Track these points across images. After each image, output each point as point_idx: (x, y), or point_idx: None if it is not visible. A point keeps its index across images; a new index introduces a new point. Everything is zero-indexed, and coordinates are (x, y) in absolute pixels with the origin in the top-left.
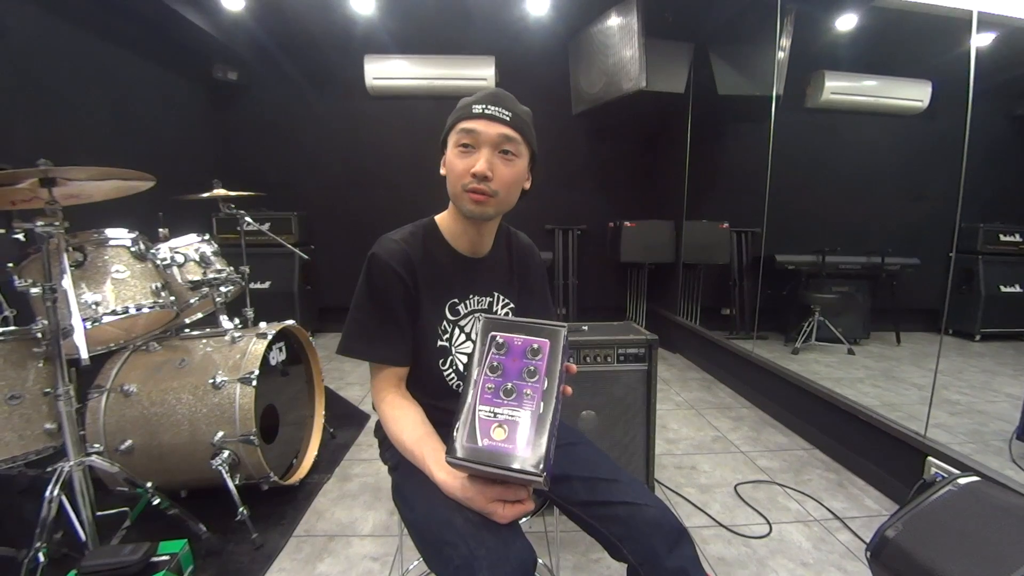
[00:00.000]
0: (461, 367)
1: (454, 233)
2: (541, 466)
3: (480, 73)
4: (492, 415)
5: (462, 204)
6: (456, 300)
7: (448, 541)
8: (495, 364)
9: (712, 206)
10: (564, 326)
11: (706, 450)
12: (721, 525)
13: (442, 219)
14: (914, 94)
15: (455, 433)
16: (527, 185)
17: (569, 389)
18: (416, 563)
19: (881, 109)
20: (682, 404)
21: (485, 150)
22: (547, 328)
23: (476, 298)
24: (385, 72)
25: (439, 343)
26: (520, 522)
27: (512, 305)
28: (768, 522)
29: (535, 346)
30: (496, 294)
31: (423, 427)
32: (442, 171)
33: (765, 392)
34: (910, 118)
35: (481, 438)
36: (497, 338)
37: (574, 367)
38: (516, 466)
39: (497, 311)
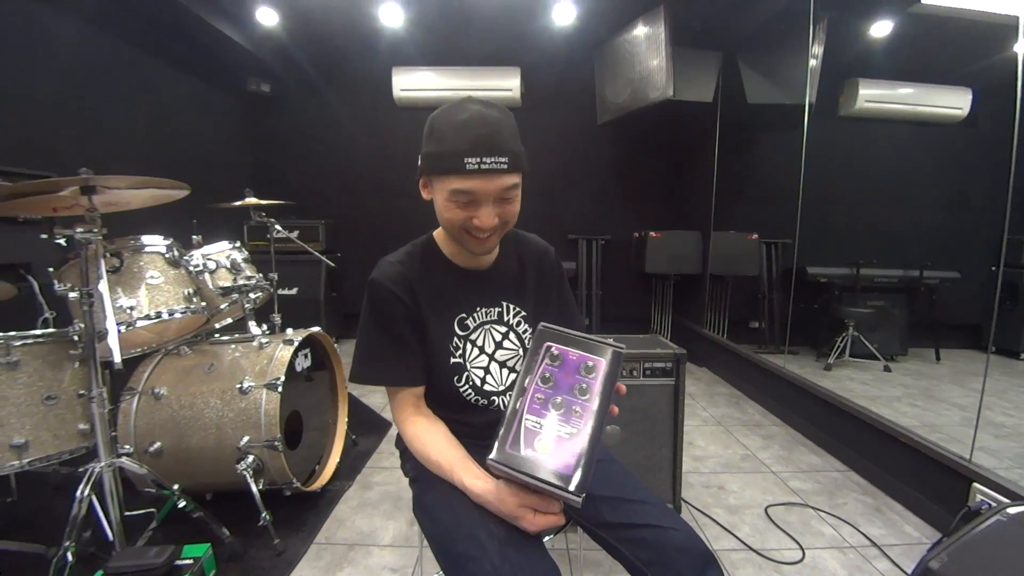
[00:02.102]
0: (478, 382)
1: (453, 249)
2: (580, 486)
3: (505, 84)
4: (538, 426)
5: (465, 245)
6: (464, 315)
7: (472, 556)
8: (547, 375)
9: (740, 216)
10: (622, 348)
11: (735, 469)
12: (751, 549)
13: (440, 235)
14: (953, 101)
15: (498, 436)
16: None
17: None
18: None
19: (918, 117)
20: (709, 420)
21: (486, 204)
22: (604, 347)
23: (484, 310)
24: (412, 84)
25: (452, 360)
26: (543, 540)
27: (524, 314)
28: (801, 547)
29: (590, 363)
30: (504, 303)
31: (448, 440)
32: (425, 195)
33: (797, 409)
34: (949, 126)
35: (525, 447)
36: (552, 349)
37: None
38: (556, 482)
39: (508, 321)
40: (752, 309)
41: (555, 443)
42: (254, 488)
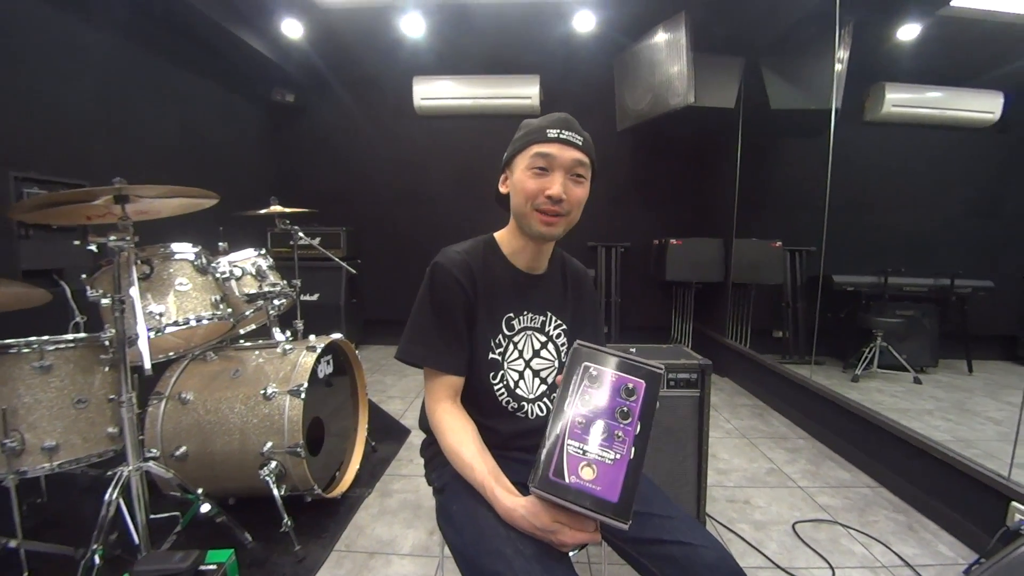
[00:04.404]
0: (511, 384)
1: (513, 250)
2: (625, 513)
3: (525, 92)
4: (581, 452)
5: (530, 223)
6: (512, 315)
7: (497, 571)
8: (587, 398)
9: (763, 223)
10: (662, 369)
11: (760, 483)
12: (779, 567)
13: (501, 236)
14: (984, 106)
15: (540, 461)
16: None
17: None
18: None
19: (947, 122)
20: (732, 432)
21: (559, 173)
22: (644, 368)
23: (530, 315)
24: (432, 93)
25: (491, 355)
26: (569, 555)
27: (564, 327)
28: (831, 566)
29: (630, 386)
30: (549, 314)
31: (480, 447)
32: (502, 189)
33: (824, 422)
34: (980, 131)
35: (568, 474)
36: (591, 370)
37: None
38: (601, 509)
39: (549, 332)
40: (775, 318)
41: (600, 470)
42: (276, 494)
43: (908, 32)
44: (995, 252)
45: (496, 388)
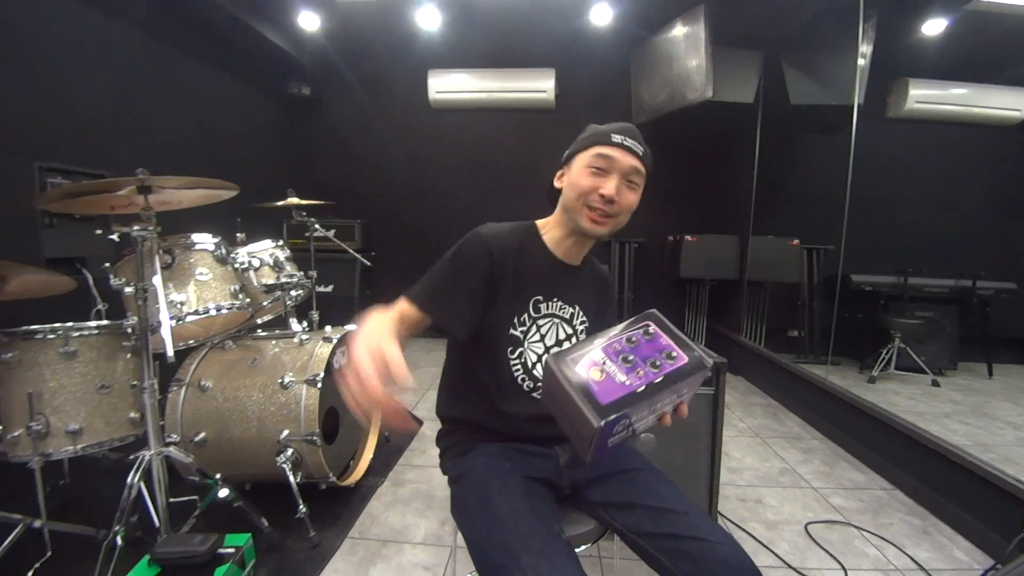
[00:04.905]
0: (529, 363)
1: (554, 239)
2: (603, 422)
3: (540, 85)
4: (602, 361)
5: (578, 218)
6: (541, 298)
7: (503, 565)
8: (633, 339)
9: (780, 221)
10: (710, 362)
11: (772, 483)
12: (791, 567)
13: (543, 224)
14: (1010, 103)
15: (568, 348)
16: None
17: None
18: None
19: (972, 119)
20: (745, 431)
21: (615, 176)
22: (696, 351)
23: (560, 304)
24: (447, 86)
25: (512, 331)
26: (577, 550)
27: (587, 324)
28: (843, 568)
29: (674, 353)
30: (578, 307)
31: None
32: (557, 184)
33: (839, 423)
34: (1005, 129)
35: (581, 367)
36: (650, 328)
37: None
38: (586, 400)
39: (576, 324)
40: (791, 317)
41: (607, 379)
42: (292, 481)
43: (933, 27)
44: (1019, 253)
45: (513, 363)
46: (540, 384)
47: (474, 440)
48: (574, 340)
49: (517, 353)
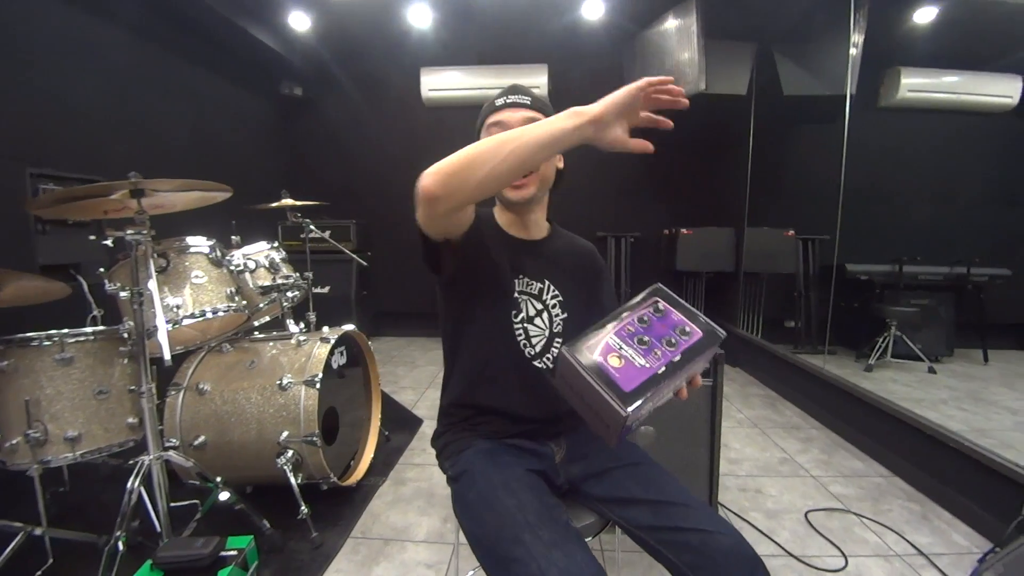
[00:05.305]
0: (527, 331)
1: (505, 220)
2: (628, 403)
3: (533, 81)
4: (618, 347)
5: (504, 195)
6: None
7: (517, 558)
8: (645, 318)
9: (775, 212)
10: (723, 333)
11: (772, 472)
12: (791, 555)
13: (496, 210)
14: (1002, 90)
15: (581, 335)
16: (560, 164)
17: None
18: (471, 573)
19: (964, 107)
20: (744, 422)
21: None
22: (707, 325)
23: (527, 280)
24: (440, 84)
25: (515, 295)
26: (586, 540)
27: (561, 299)
28: (844, 555)
29: (687, 328)
30: (547, 282)
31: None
32: None
33: (837, 412)
34: (997, 116)
35: (598, 354)
36: (659, 304)
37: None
38: (609, 390)
39: (546, 300)
40: (788, 308)
41: (627, 365)
42: (293, 482)
43: (924, 15)
44: (1013, 239)
45: (516, 329)
46: (533, 353)
47: (470, 437)
48: (546, 316)
49: (520, 318)
